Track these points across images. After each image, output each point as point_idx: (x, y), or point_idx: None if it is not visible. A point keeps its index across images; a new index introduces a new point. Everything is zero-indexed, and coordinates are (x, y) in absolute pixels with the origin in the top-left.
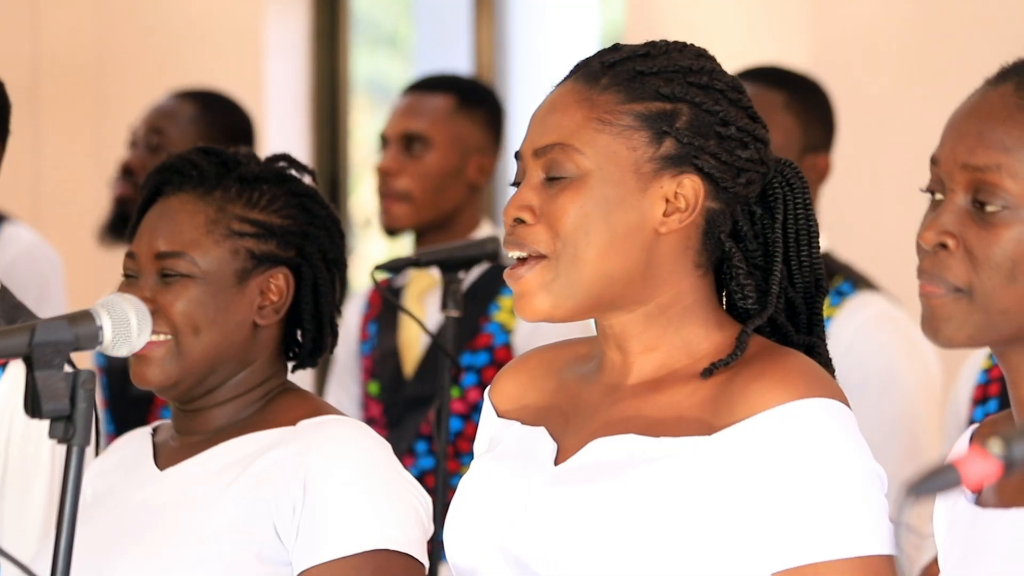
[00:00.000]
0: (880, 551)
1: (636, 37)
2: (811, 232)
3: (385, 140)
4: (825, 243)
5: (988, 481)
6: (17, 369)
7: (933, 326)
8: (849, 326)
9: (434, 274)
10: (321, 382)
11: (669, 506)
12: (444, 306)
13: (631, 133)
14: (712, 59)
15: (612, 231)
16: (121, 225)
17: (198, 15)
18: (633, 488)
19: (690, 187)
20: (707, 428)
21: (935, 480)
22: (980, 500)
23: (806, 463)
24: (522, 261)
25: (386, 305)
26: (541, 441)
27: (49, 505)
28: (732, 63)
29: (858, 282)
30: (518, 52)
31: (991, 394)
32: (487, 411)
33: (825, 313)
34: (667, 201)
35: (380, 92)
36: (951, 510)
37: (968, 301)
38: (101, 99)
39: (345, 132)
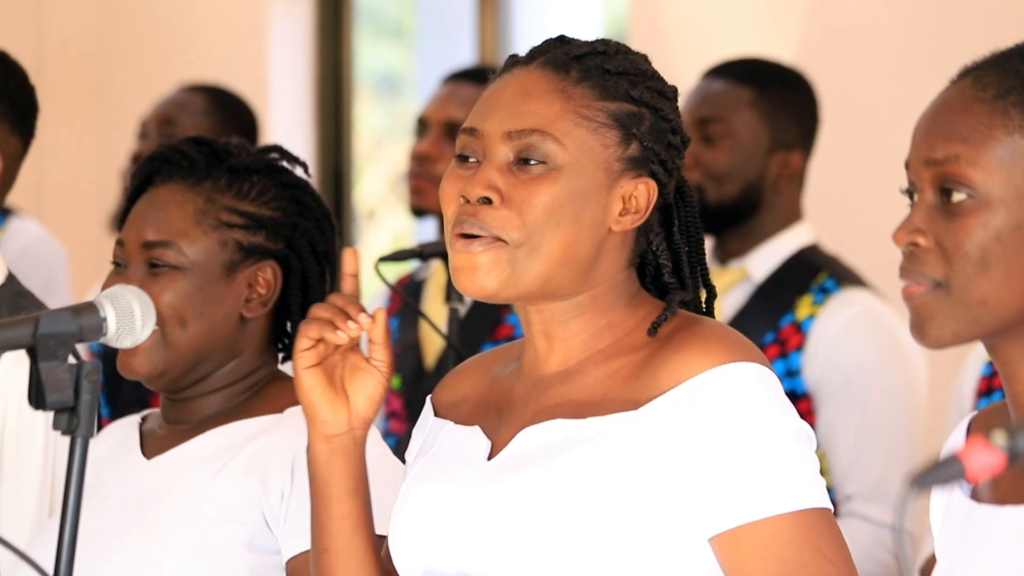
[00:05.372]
0: (817, 504)
1: (639, 28)
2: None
3: (424, 124)
4: (811, 236)
5: (992, 473)
6: (11, 357)
7: (919, 328)
8: (832, 325)
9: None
10: None
11: (602, 485)
12: (448, 298)
13: (605, 131)
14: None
15: (579, 225)
16: None
17: (202, 6)
18: (565, 471)
19: (644, 190)
20: (633, 403)
21: (939, 472)
22: (976, 495)
23: (734, 425)
24: (475, 237)
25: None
26: (475, 439)
27: (43, 492)
28: (732, 53)
29: (843, 278)
30: (522, 44)
31: (996, 386)
32: (425, 413)
33: (808, 312)
34: (624, 201)
35: (384, 84)
36: (947, 502)
37: (946, 295)
38: (105, 92)
39: (349, 124)
